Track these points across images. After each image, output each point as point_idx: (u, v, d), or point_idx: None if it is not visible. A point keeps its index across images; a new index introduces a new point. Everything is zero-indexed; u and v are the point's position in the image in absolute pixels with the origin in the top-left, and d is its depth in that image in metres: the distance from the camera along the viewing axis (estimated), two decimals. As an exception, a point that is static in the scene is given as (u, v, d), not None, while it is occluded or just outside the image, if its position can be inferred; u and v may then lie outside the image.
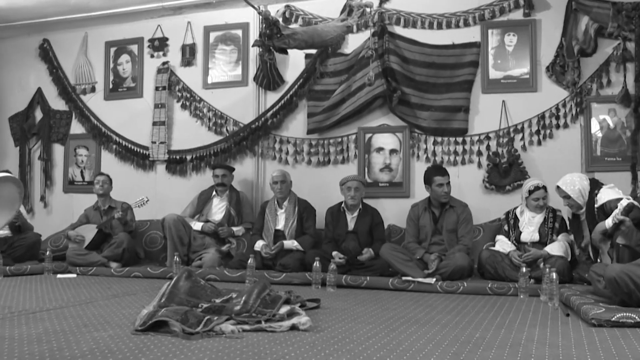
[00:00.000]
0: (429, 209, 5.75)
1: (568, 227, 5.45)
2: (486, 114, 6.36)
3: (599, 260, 4.80)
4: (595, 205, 4.79)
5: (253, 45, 6.16)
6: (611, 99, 6.01)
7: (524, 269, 4.78)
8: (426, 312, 4.01)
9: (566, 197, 5.07)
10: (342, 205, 6.05)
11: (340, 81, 6.70)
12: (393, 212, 6.46)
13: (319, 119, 6.76)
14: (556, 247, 5.25)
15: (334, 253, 5.63)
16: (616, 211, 4.37)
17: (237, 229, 6.51)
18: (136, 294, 4.76)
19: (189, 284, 3.70)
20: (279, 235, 6.13)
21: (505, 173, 6.18)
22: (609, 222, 4.48)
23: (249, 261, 5.32)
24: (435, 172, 5.68)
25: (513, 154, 6.16)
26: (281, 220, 6.21)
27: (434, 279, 5.12)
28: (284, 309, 3.51)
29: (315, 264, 5.16)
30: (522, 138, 6.25)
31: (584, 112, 6.09)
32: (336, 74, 6.77)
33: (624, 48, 5.96)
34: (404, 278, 5.18)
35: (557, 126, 6.17)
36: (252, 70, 7.08)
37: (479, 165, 6.35)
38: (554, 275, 4.33)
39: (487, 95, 6.36)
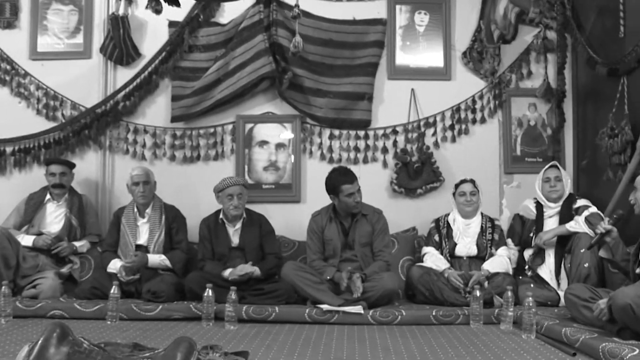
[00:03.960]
0: (336, 219, 4.63)
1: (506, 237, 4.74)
2: (392, 103, 5.41)
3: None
4: (574, 206, 4.56)
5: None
6: (531, 92, 5.35)
7: (477, 293, 3.85)
8: (397, 363, 2.90)
9: (558, 178, 4.66)
10: (221, 215, 4.75)
11: (215, 57, 5.37)
12: (281, 220, 5.22)
13: (186, 104, 5.36)
14: (497, 264, 4.42)
15: (228, 272, 4.37)
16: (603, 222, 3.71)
17: (81, 244, 4.93)
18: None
19: (65, 350, 2.20)
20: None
21: (416, 174, 5.26)
22: (572, 225, 4.36)
23: (113, 290, 3.86)
24: (343, 178, 4.50)
25: (425, 151, 5.26)
26: (144, 232, 4.76)
27: (360, 307, 4.02)
28: (224, 384, 2.21)
29: (207, 292, 3.83)
30: (435, 133, 5.37)
31: (503, 105, 5.37)
32: (210, 48, 5.42)
33: (545, 37, 5.33)
34: (325, 308, 4.00)
35: (474, 121, 5.39)
36: (98, 39, 5.47)
37: (385, 164, 5.36)
38: (531, 300, 3.46)
39: (394, 81, 5.42)
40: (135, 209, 4.82)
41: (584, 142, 5.26)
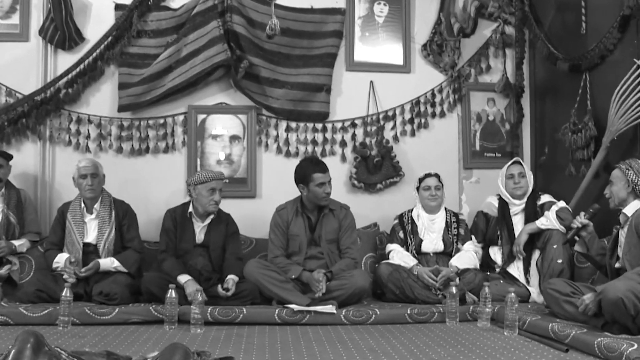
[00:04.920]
0: (303, 213, 4.44)
1: (471, 233, 4.69)
2: (351, 96, 5.27)
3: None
4: (538, 202, 4.52)
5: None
6: (490, 87, 5.32)
7: (454, 290, 3.75)
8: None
9: (522, 174, 4.58)
10: (190, 209, 4.46)
11: (166, 43, 5.05)
12: (235, 216, 4.82)
13: (135, 92, 5.02)
14: (464, 259, 4.35)
15: (190, 291, 3.94)
16: (579, 215, 3.70)
17: (20, 243, 4.50)
18: None
19: (42, 363, 1.92)
20: (89, 252, 4.32)
21: (375, 168, 5.13)
22: (543, 222, 4.31)
23: (65, 292, 3.52)
24: (315, 167, 4.33)
25: (384, 145, 5.14)
26: (92, 229, 4.40)
27: (333, 306, 3.84)
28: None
29: (169, 293, 3.58)
30: (394, 127, 5.26)
31: (462, 100, 5.32)
32: (160, 34, 5.09)
33: (503, 32, 5.31)
34: (295, 308, 3.81)
35: (433, 115, 5.31)
36: (37, 20, 5.05)
37: (343, 158, 5.21)
38: (513, 296, 3.40)
39: (352, 73, 5.28)
40: (82, 205, 4.46)
41: (542, 137, 5.28)
